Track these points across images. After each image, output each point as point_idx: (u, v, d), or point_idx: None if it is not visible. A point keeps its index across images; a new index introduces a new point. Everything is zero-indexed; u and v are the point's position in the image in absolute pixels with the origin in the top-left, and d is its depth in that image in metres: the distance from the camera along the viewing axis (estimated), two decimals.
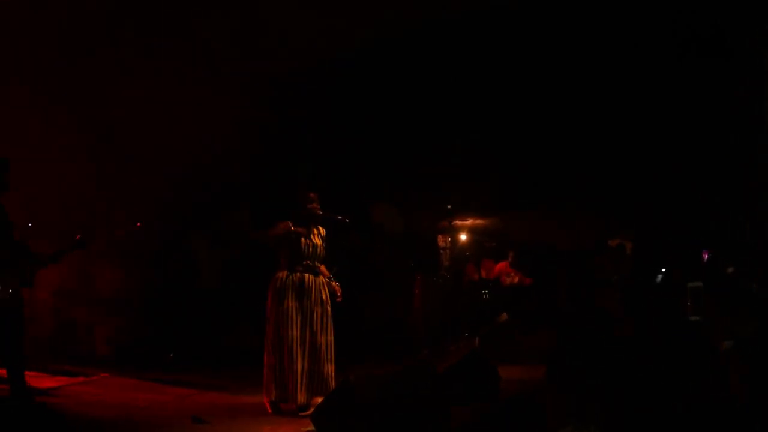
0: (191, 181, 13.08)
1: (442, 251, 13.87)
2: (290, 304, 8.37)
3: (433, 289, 12.52)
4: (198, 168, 12.86)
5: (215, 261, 13.18)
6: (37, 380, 9.59)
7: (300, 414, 8.12)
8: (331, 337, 8.55)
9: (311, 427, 7.17)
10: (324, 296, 8.61)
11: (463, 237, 14.46)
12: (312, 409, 7.52)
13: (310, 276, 8.56)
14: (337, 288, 8.76)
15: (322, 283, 8.67)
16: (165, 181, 12.22)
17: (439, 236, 13.85)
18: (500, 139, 15.11)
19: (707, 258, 11.02)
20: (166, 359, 11.37)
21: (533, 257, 15.91)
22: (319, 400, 7.75)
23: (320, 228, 8.76)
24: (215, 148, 12.39)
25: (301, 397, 8.23)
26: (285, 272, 8.47)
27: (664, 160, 15.10)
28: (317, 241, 8.68)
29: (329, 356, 8.48)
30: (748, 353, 4.02)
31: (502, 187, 15.58)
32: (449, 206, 13.78)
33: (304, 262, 8.52)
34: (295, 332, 8.31)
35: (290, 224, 8.51)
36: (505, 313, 12.11)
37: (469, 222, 14.54)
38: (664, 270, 13.47)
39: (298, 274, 8.49)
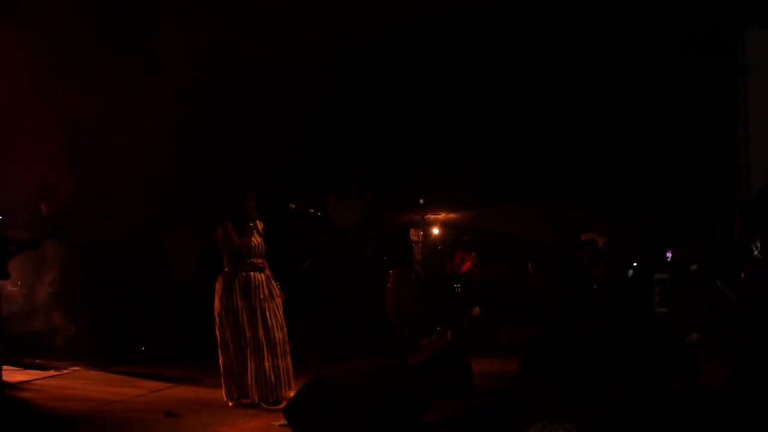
0: (167, 174, 13.04)
1: (414, 245, 13.83)
2: (239, 304, 8.35)
3: (406, 283, 12.52)
4: (172, 161, 12.85)
5: (190, 253, 13.11)
6: (8, 374, 9.55)
7: (272, 408, 8.13)
8: (285, 331, 8.55)
9: (283, 421, 7.20)
10: (273, 291, 8.59)
11: (435, 231, 14.45)
12: (284, 403, 7.53)
13: (256, 274, 8.54)
14: (276, 288, 8.69)
15: (269, 277, 8.65)
16: (140, 173, 12.19)
17: (412, 230, 13.80)
18: (475, 134, 15.16)
19: (671, 255, 11.11)
20: (138, 353, 11.28)
21: (509, 251, 15.92)
22: (291, 393, 7.77)
23: (259, 223, 8.72)
24: (190, 142, 12.39)
25: (254, 396, 8.24)
26: (230, 272, 8.46)
27: (639, 154, 15.19)
28: (258, 238, 8.65)
29: (287, 350, 8.49)
30: (727, 348, 4.05)
31: (476, 181, 15.63)
32: (421, 200, 13.77)
33: (249, 260, 8.50)
34: (247, 332, 8.30)
35: (230, 226, 8.49)
36: (477, 307, 12.14)
37: (442, 216, 14.54)
38: (635, 265, 13.54)
39: (244, 273, 8.46)
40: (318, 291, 11.24)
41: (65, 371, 10.29)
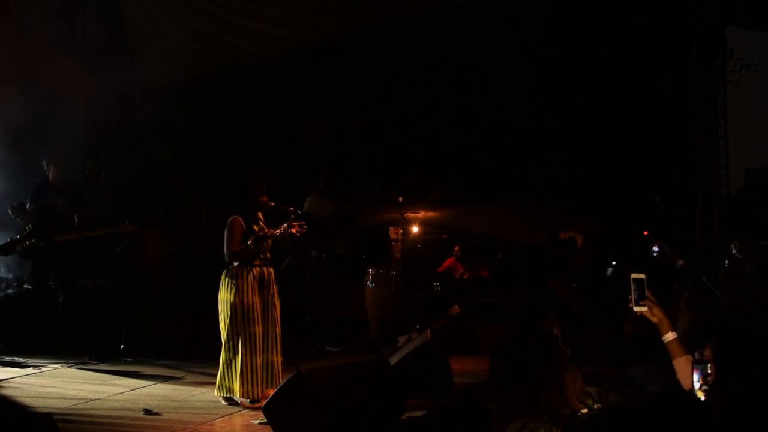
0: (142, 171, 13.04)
1: (393, 243, 13.79)
2: (254, 299, 8.30)
3: (384, 281, 12.50)
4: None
5: (162, 251, 13.10)
6: None
7: (252, 406, 8.13)
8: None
9: (263, 418, 7.20)
10: (276, 288, 8.59)
11: (415, 229, 14.43)
12: (263, 401, 7.53)
13: (268, 269, 8.52)
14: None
15: (273, 273, 8.64)
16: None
17: (391, 228, 13.77)
18: (455, 131, 15.17)
19: (657, 251, 11.12)
20: (118, 350, 11.20)
21: (487, 251, 15.90)
22: (271, 392, 7.77)
23: (261, 216, 8.68)
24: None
25: (257, 391, 8.21)
26: (244, 267, 8.41)
27: (617, 153, 15.24)
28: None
29: (280, 346, 8.49)
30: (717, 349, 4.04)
31: (456, 180, 15.64)
32: (400, 198, 13.75)
33: (261, 256, 8.47)
34: (258, 328, 8.26)
35: (242, 222, 8.44)
36: (456, 306, 12.14)
37: (421, 214, 14.52)
38: (614, 263, 13.57)
39: (258, 269, 8.43)
40: (296, 289, 11.24)
41: (44, 369, 10.23)
